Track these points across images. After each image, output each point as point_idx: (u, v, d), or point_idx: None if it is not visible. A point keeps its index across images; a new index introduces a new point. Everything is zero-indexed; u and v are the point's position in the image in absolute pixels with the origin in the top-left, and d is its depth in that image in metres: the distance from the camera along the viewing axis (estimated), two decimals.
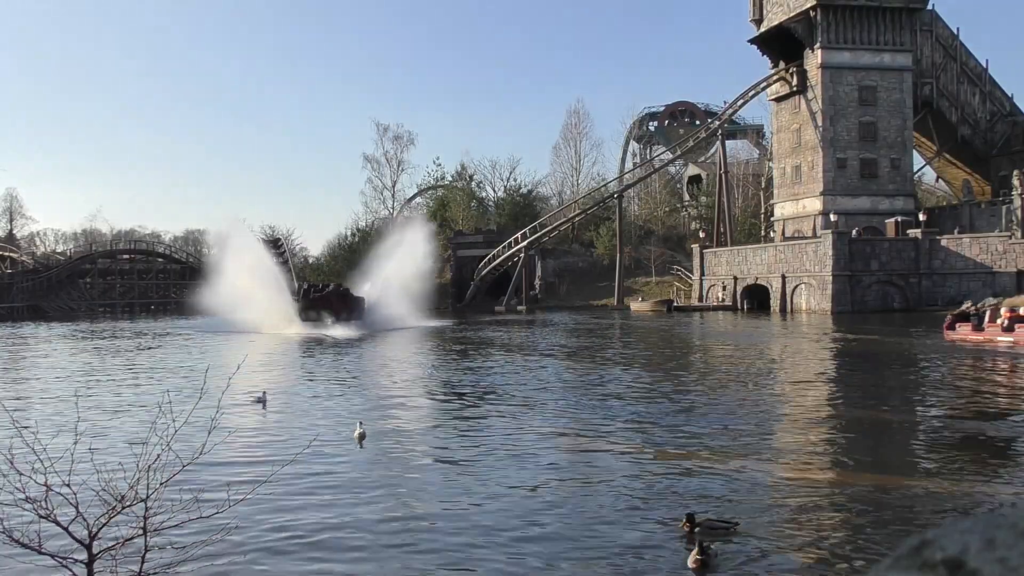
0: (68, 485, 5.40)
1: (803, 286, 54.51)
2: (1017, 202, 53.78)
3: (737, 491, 10.32)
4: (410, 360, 29.49)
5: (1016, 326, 28.31)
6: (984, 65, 67.78)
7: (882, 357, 27.63)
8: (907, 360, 26.61)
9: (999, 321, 29.12)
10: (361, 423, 14.25)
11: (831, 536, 8.69)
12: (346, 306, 45.62)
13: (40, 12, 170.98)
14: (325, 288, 49.29)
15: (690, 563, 7.64)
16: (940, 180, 76.57)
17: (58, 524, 5.47)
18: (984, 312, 30.46)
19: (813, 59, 62.77)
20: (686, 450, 12.81)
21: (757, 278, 58.99)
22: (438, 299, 65.48)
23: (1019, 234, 50.82)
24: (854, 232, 54.63)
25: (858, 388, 20.39)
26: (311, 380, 23.30)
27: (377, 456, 12.95)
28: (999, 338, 28.50)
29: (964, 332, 30.24)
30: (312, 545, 8.54)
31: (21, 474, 5.44)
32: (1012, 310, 29.26)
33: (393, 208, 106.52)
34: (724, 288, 62.37)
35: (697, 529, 8.37)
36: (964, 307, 32.59)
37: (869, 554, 7.98)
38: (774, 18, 65.06)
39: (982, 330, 29.68)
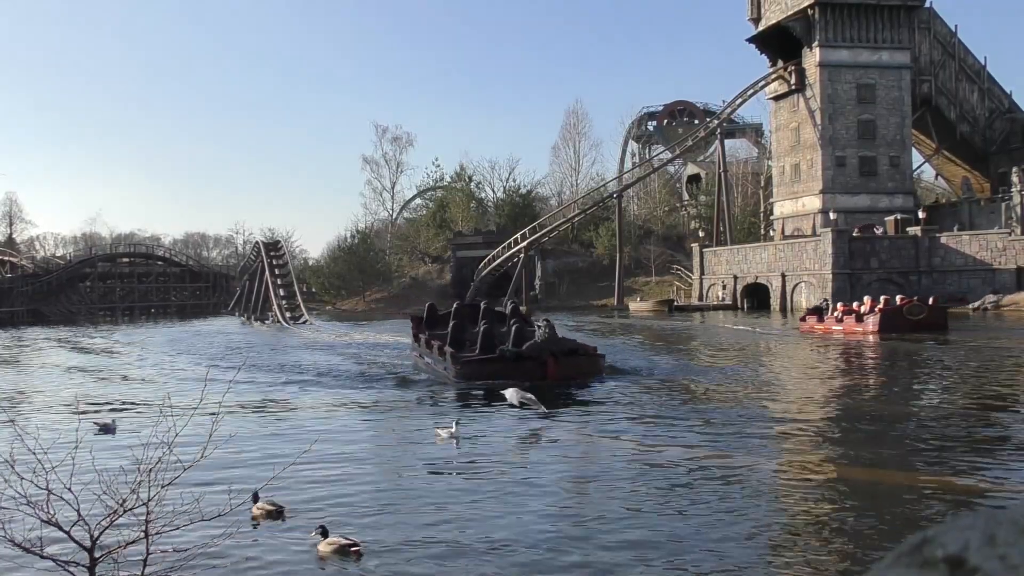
0: (69, 488, 5.38)
1: (803, 284, 54.49)
2: (1016, 199, 53.79)
3: (731, 491, 10.30)
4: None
5: (845, 318, 34.28)
6: (982, 62, 67.72)
7: (743, 344, 32.51)
8: (763, 345, 32.17)
9: (835, 315, 35.03)
10: (457, 422, 13.37)
11: (830, 534, 8.67)
12: (587, 368, 20.93)
13: (40, 14, 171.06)
14: (512, 331, 21.41)
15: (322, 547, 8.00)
16: (939, 177, 76.58)
17: (59, 528, 5.46)
18: (828, 306, 36.69)
19: (811, 57, 62.76)
20: (681, 447, 12.79)
21: (757, 277, 58.96)
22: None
23: (1019, 231, 50.80)
24: (855, 231, 54.57)
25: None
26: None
27: (381, 456, 12.91)
28: (833, 328, 34.58)
29: (812, 323, 36.14)
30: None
31: (22, 477, 5.42)
32: (845, 305, 35.48)
33: (392, 210, 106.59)
34: (724, 287, 62.34)
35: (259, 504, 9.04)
36: (819, 303, 38.66)
37: (869, 552, 7.96)
38: (772, 16, 65.05)
39: (823, 321, 35.48)
